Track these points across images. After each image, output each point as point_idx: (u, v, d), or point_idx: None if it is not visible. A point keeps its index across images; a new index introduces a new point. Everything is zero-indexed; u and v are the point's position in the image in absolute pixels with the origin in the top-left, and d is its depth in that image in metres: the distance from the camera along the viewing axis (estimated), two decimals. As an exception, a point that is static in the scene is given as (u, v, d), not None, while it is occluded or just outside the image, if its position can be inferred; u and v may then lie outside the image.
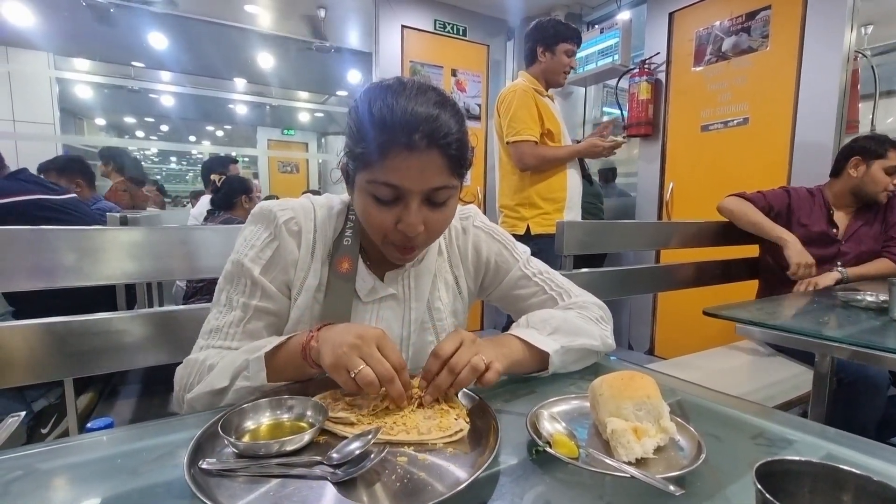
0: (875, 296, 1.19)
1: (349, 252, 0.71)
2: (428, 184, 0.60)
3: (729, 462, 0.44)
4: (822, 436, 0.48)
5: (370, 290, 0.71)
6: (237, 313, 0.67)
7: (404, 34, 3.33)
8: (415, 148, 0.57)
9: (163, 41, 4.36)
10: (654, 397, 0.47)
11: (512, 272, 0.79)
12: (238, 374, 0.58)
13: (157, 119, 8.33)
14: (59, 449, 0.50)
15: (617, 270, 1.67)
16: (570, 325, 0.69)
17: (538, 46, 2.01)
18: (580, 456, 0.43)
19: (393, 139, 0.57)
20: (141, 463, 0.45)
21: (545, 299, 0.77)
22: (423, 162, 0.58)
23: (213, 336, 0.67)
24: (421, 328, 0.75)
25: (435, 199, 0.62)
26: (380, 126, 0.58)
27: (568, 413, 0.53)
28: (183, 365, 0.66)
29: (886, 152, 1.61)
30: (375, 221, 0.63)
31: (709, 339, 2.36)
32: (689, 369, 1.61)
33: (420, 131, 0.57)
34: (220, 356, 0.62)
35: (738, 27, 2.58)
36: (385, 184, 0.59)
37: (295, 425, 0.50)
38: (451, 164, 0.61)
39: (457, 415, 0.53)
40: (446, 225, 0.68)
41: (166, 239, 0.97)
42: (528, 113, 1.93)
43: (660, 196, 3.04)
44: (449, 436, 0.48)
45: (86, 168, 2.42)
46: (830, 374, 1.04)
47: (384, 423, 0.50)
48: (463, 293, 0.80)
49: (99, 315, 0.92)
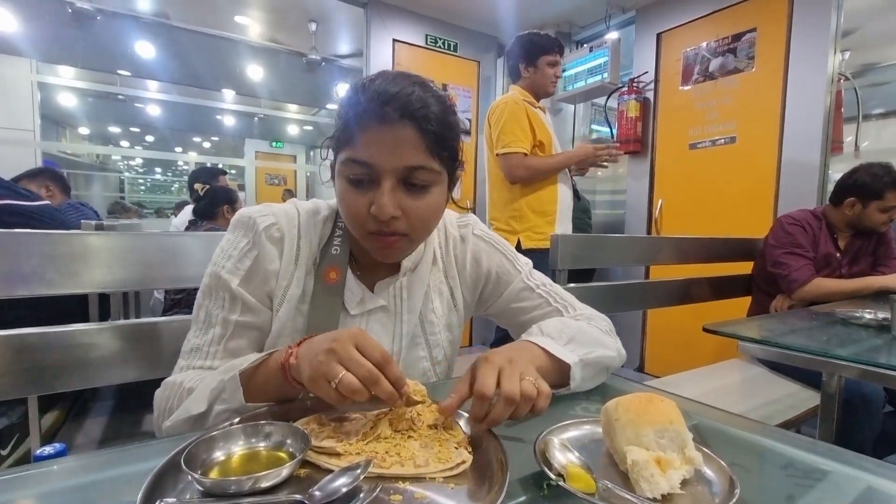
0: (873, 313, 1.17)
1: (337, 262, 0.66)
2: (401, 161, 0.56)
3: (764, 498, 0.39)
4: (860, 466, 0.44)
5: (359, 302, 0.67)
6: (217, 330, 0.62)
7: (395, 48, 3.33)
8: (386, 120, 0.55)
9: (150, 50, 4.30)
10: (678, 423, 0.42)
11: (514, 284, 0.75)
12: (216, 397, 0.53)
13: (143, 128, 8.21)
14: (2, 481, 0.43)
15: (608, 286, 1.64)
16: (586, 336, 0.65)
17: (520, 63, 2.03)
18: (598, 491, 0.39)
19: (365, 112, 0.55)
20: (96, 498, 0.39)
21: (549, 311, 0.73)
22: (396, 136, 0.55)
23: (193, 356, 0.63)
24: (412, 342, 0.70)
25: (412, 181, 0.58)
26: (355, 104, 0.57)
27: (578, 439, 0.49)
28: (161, 388, 0.61)
29: (884, 193, 1.61)
30: (350, 207, 0.59)
31: (699, 356, 2.34)
32: (684, 388, 1.58)
33: (392, 104, 0.55)
34: (200, 378, 0.58)
35: (724, 48, 2.63)
36: (356, 161, 0.57)
37: (272, 456, 0.44)
38: (428, 143, 0.57)
39: (457, 443, 0.47)
40: (431, 217, 0.62)
41: (143, 245, 0.90)
42: (518, 125, 1.92)
43: (649, 212, 3.05)
44: (450, 468, 0.43)
45: (56, 175, 2.39)
46: (839, 393, 1.01)
47: (375, 453, 0.44)
48: (458, 305, 0.75)
49: (70, 327, 0.85)
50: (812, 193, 2.27)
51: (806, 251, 1.70)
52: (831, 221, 1.75)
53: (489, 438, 0.48)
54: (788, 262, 1.69)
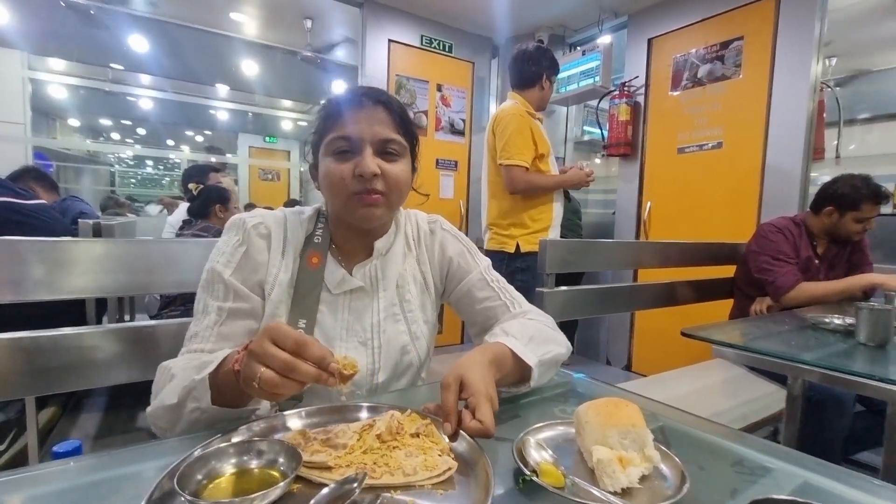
0: (842, 319, 1.23)
1: (319, 248, 0.77)
2: (377, 134, 0.71)
3: (710, 492, 0.45)
4: (799, 463, 0.50)
5: (339, 282, 0.76)
6: (212, 317, 0.69)
7: (391, 48, 3.36)
8: (362, 105, 0.72)
9: (144, 44, 4.28)
10: (640, 426, 0.48)
11: (472, 274, 0.85)
12: (188, 394, 0.56)
13: (135, 122, 8.14)
14: (23, 478, 0.47)
15: (596, 289, 1.69)
16: (542, 335, 0.74)
17: (546, 73, 2.11)
18: (566, 486, 0.44)
19: (344, 102, 0.72)
20: (112, 493, 0.43)
21: (498, 304, 0.83)
22: (371, 115, 0.71)
23: (191, 342, 0.69)
24: (391, 317, 0.79)
25: (386, 150, 0.72)
26: (335, 102, 0.74)
27: (553, 439, 0.54)
28: (158, 370, 0.66)
29: (860, 204, 1.68)
30: (336, 174, 0.71)
31: (685, 355, 2.41)
32: (667, 388, 1.64)
33: (366, 95, 0.73)
34: (185, 364, 0.63)
35: (713, 55, 2.69)
36: (341, 137, 0.71)
37: (265, 474, 0.45)
38: (395, 122, 0.73)
39: (440, 450, 0.49)
40: (402, 181, 0.74)
41: (141, 252, 0.94)
42: (522, 138, 2.00)
43: (638, 215, 3.11)
44: (437, 476, 0.45)
45: (40, 174, 2.35)
46: (802, 395, 1.07)
47: (364, 464, 0.46)
48: (430, 290, 0.86)
49: (68, 329, 0.88)
50: (793, 200, 2.34)
51: (790, 257, 1.76)
52: (810, 228, 1.82)
53: (469, 444, 0.50)
54: (773, 269, 1.75)
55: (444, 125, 3.64)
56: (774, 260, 1.75)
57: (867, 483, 0.46)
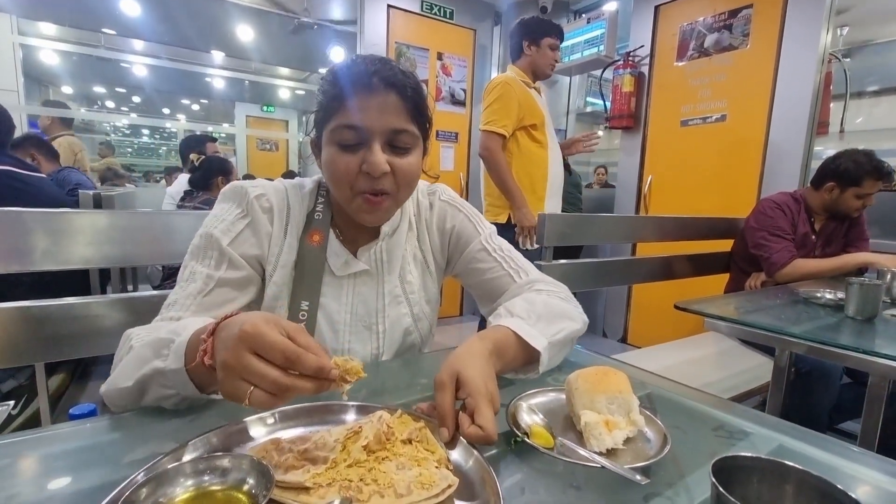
0: (833, 293, 1.26)
1: (320, 225, 0.72)
2: (388, 124, 0.63)
3: (691, 453, 0.48)
4: (776, 428, 0.53)
5: (343, 265, 0.72)
6: (197, 284, 0.64)
7: (390, 14, 3.27)
8: (373, 89, 0.62)
9: (136, 8, 4.16)
10: (626, 392, 0.50)
11: (473, 244, 0.79)
12: (149, 379, 0.50)
13: (130, 90, 7.98)
14: (45, 437, 0.50)
15: (594, 262, 1.71)
16: (552, 310, 0.67)
17: (524, 40, 2.09)
18: (555, 446, 0.46)
19: (353, 83, 0.63)
20: (127, 452, 0.46)
21: (502, 275, 0.77)
22: (382, 102, 0.62)
23: (168, 309, 0.63)
24: (395, 300, 0.76)
25: (397, 143, 0.65)
26: (341, 79, 0.64)
27: (545, 404, 0.56)
28: (122, 337, 0.59)
29: (862, 180, 1.67)
30: (341, 169, 0.64)
31: (680, 328, 2.45)
32: (661, 359, 1.68)
33: (377, 75, 0.62)
34: (148, 334, 0.57)
35: (720, 24, 2.62)
36: (348, 126, 0.62)
37: (230, 498, 0.37)
38: (408, 109, 0.64)
39: (437, 461, 0.42)
40: (413, 176, 0.68)
41: (145, 224, 0.96)
42: (504, 106, 1.97)
43: (638, 188, 3.10)
44: (435, 495, 0.38)
45: (41, 142, 2.35)
46: (788, 367, 1.11)
47: (349, 481, 0.39)
48: (431, 268, 0.82)
49: (75, 299, 0.91)
50: (795, 175, 2.33)
51: (786, 233, 1.77)
52: (809, 204, 1.82)
53: (470, 454, 0.43)
54: (769, 245, 1.76)
55: (444, 95, 3.58)
56: (771, 236, 1.76)
57: (839, 447, 0.49)
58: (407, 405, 0.56)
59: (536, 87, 2.13)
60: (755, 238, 1.81)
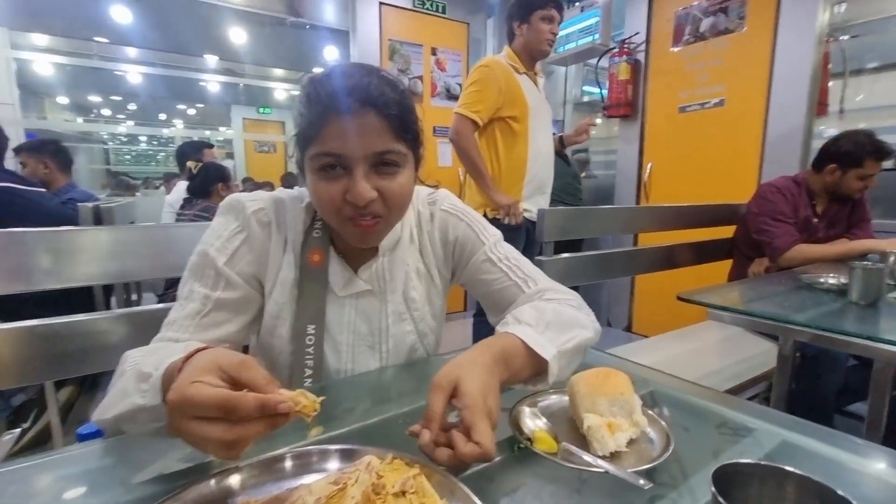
0: (837, 278, 1.25)
1: (319, 244, 0.70)
2: (370, 148, 0.59)
3: (694, 453, 0.48)
4: (780, 423, 0.53)
5: (345, 284, 0.71)
6: (195, 305, 0.64)
7: (382, 11, 3.25)
8: (349, 111, 0.57)
9: (127, 15, 4.14)
10: (628, 393, 0.50)
11: (477, 255, 0.76)
12: (129, 416, 0.49)
13: (125, 98, 7.99)
14: (52, 461, 0.51)
15: (595, 255, 1.71)
16: (562, 318, 0.63)
17: (513, 22, 1.94)
18: (559, 451, 0.46)
19: (327, 107, 0.58)
20: (133, 473, 0.46)
21: (509, 285, 0.74)
22: (361, 125, 0.58)
23: (167, 328, 0.63)
24: (398, 319, 0.74)
25: (382, 165, 0.61)
26: (315, 100, 0.59)
27: (548, 408, 0.56)
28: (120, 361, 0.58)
29: (863, 161, 1.65)
30: (324, 197, 0.60)
31: (685, 314, 2.44)
32: (665, 349, 1.69)
33: (353, 95, 0.57)
34: (145, 355, 0.56)
35: (715, 7, 2.59)
36: (326, 154, 0.59)
37: None
38: (391, 127, 0.60)
39: None
40: (404, 196, 0.64)
41: (145, 238, 0.96)
42: (481, 90, 1.83)
43: (638, 176, 3.09)
44: None
45: (59, 149, 2.28)
46: (792, 354, 1.10)
47: None
48: (435, 280, 0.79)
49: (81, 316, 0.91)
50: (795, 157, 2.31)
51: (788, 218, 1.75)
52: (810, 187, 1.81)
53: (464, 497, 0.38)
54: (771, 230, 1.75)
55: (440, 91, 3.56)
56: (773, 220, 1.75)
57: (845, 441, 0.49)
58: (411, 413, 0.56)
59: (533, 72, 1.99)
60: (757, 223, 1.80)
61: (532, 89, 1.96)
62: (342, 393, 0.66)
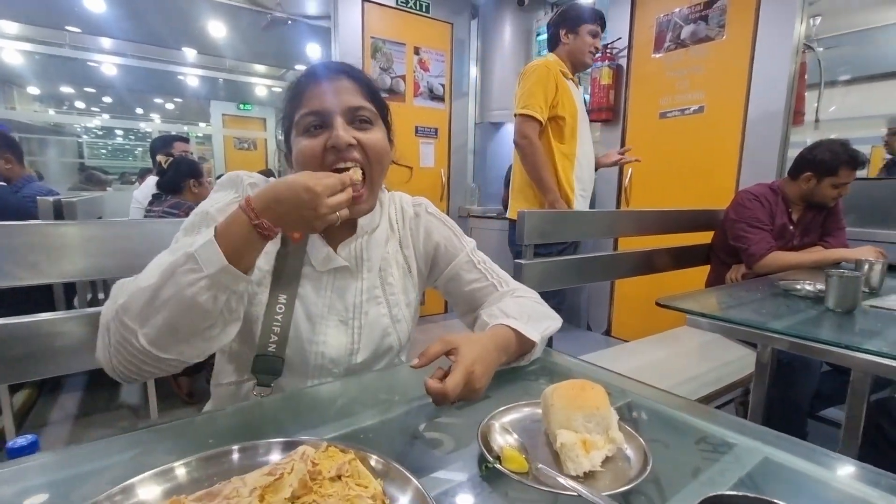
0: (813, 285, 1.26)
1: None
2: (346, 103, 0.69)
3: (673, 471, 0.45)
4: (760, 438, 0.50)
5: (323, 259, 0.75)
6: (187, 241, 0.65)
7: (365, 8, 3.20)
8: (326, 77, 0.70)
9: (100, 4, 4.00)
10: (604, 408, 0.47)
11: (459, 257, 0.85)
12: (173, 270, 0.54)
13: (100, 89, 7.71)
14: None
15: (575, 259, 1.69)
16: (537, 312, 0.78)
17: (561, 29, 2.01)
18: (530, 471, 0.43)
19: (308, 78, 0.71)
20: (68, 493, 0.41)
21: (486, 286, 0.84)
22: (336, 86, 0.70)
23: None
24: (372, 298, 0.78)
25: (357, 118, 0.71)
26: (297, 82, 0.72)
27: (520, 421, 0.53)
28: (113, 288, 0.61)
29: (838, 169, 1.68)
30: (308, 150, 0.68)
31: (664, 318, 2.45)
32: (644, 354, 1.68)
33: (330, 67, 0.72)
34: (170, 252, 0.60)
35: (696, 15, 2.62)
36: (310, 112, 0.69)
37: None
38: (362, 89, 0.72)
39: (371, 497, 0.37)
40: (380, 148, 0.72)
41: (112, 235, 0.89)
42: (542, 90, 1.89)
43: (619, 181, 3.10)
44: None
45: (14, 143, 2.28)
46: (771, 362, 1.10)
47: None
48: (412, 272, 0.85)
49: (43, 315, 0.84)
50: (772, 165, 2.35)
51: (765, 224, 1.77)
52: (787, 194, 1.83)
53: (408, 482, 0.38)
54: (748, 236, 1.77)
55: (422, 90, 3.53)
56: (750, 227, 1.77)
57: (824, 457, 0.47)
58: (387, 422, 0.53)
59: (573, 78, 2.05)
60: (734, 230, 1.82)
61: (577, 94, 2.04)
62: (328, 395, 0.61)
